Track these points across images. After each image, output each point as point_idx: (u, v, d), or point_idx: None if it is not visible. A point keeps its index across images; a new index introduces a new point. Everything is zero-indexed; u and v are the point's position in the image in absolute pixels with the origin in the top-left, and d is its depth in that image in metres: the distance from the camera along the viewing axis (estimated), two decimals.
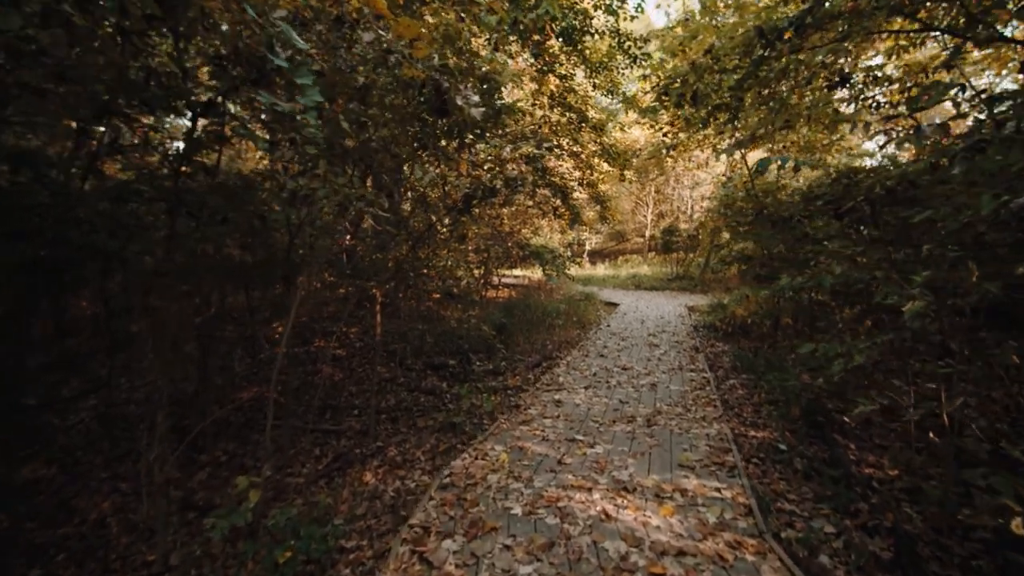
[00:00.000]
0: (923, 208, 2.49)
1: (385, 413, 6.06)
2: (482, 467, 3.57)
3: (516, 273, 19.14)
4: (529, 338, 9.52)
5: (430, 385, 7.21)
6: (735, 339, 9.05)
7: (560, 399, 5.12)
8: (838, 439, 4.06)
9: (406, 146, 3.64)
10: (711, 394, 5.17)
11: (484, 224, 12.36)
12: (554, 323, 10.56)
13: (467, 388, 5.71)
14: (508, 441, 4.07)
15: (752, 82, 5.30)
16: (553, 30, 8.13)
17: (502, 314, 10.55)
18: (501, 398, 6.03)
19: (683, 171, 24.97)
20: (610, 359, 7.03)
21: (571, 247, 29.06)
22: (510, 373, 7.44)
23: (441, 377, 7.66)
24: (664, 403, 4.92)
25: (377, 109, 3.38)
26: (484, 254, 9.56)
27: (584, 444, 3.87)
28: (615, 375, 6.07)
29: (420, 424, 5.50)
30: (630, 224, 32.50)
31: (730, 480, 3.28)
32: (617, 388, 5.51)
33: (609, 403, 4.95)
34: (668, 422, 4.33)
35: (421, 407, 6.24)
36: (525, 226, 15.01)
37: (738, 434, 4.48)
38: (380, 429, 5.52)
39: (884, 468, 3.66)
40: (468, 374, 7.64)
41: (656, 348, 7.82)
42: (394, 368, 8.05)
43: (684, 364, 6.58)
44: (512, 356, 8.53)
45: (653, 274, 21.46)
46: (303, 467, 4.70)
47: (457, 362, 8.24)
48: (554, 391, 5.47)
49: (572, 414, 4.65)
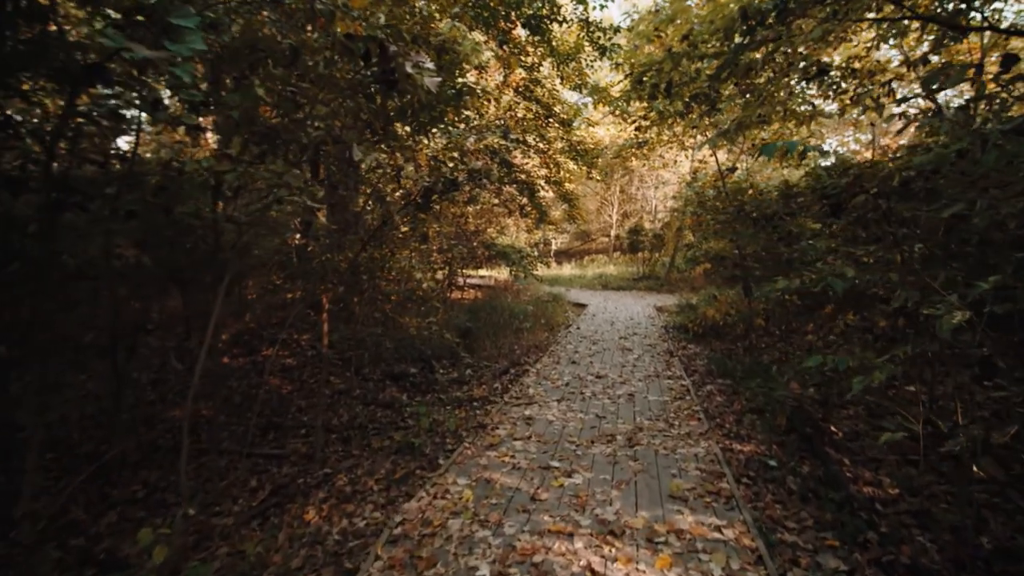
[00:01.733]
0: (948, 201, 2.16)
1: (336, 432, 5.43)
2: (442, 509, 3.03)
3: (483, 273, 18.65)
4: (496, 342, 9.03)
5: (388, 397, 6.61)
6: (707, 341, 8.85)
7: (531, 415, 4.65)
8: (831, 454, 3.76)
9: (352, 129, 3.09)
10: (693, 405, 4.83)
11: (448, 223, 11.80)
12: (522, 326, 10.11)
13: (426, 406, 5.15)
14: (473, 472, 3.56)
15: (732, 71, 5.00)
16: (519, 16, 7.67)
17: (467, 317, 10.02)
18: (466, 412, 5.51)
19: (648, 171, 25.07)
20: (582, 366, 6.63)
21: (538, 247, 28.79)
22: (476, 382, 6.93)
23: (401, 388, 7.07)
24: (645, 417, 4.53)
25: (312, 83, 2.81)
26: (448, 254, 9.01)
27: (560, 472, 3.40)
28: (589, 384, 5.65)
29: (375, 445, 4.91)
30: (595, 224, 32.52)
31: (729, 514, 2.89)
32: (592, 400, 5.09)
33: (585, 419, 4.52)
34: (651, 440, 3.93)
35: (377, 424, 5.64)
36: (491, 225, 14.52)
37: (724, 448, 4.14)
38: (329, 452, 4.90)
39: (884, 487, 3.37)
40: (431, 384, 7.08)
41: (629, 352, 7.49)
42: (350, 378, 7.39)
43: (660, 370, 6.24)
44: (478, 363, 8.02)
45: (619, 274, 21.39)
46: (235, 503, 4.04)
47: (419, 370, 7.66)
48: (524, 405, 4.99)
49: (545, 433, 4.18)
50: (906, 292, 2.31)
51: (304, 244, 8.17)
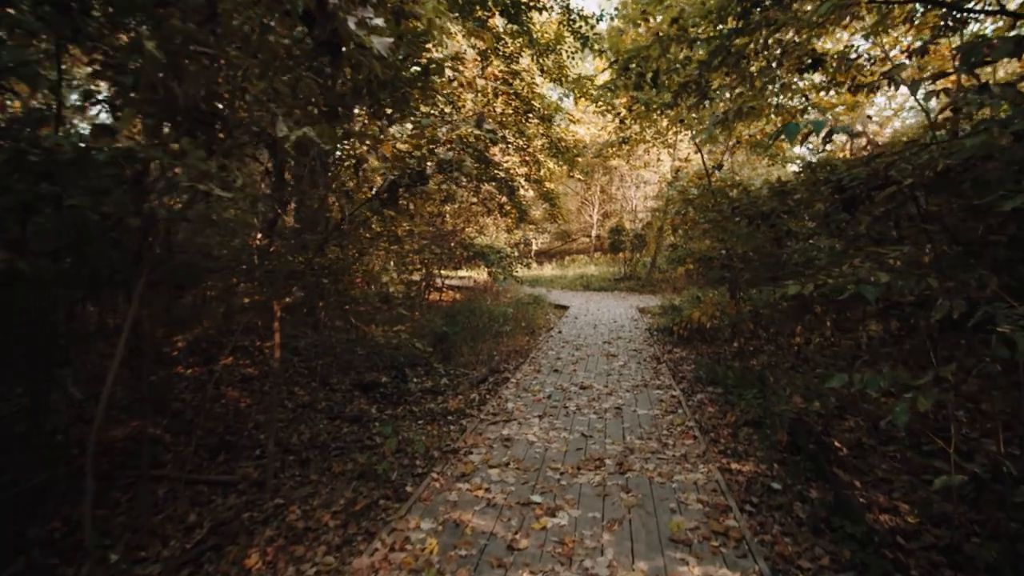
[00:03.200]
0: (1007, 193, 1.80)
1: (295, 453, 4.90)
2: (399, 566, 2.51)
3: (462, 274, 18.16)
4: (474, 348, 8.56)
5: (356, 411, 6.09)
6: (693, 344, 8.55)
7: (509, 435, 4.19)
8: (839, 475, 3.42)
9: (296, 108, 2.59)
10: (686, 420, 4.45)
11: (424, 222, 11.29)
12: (501, 330, 9.67)
13: (392, 426, 4.64)
14: (440, 512, 3.06)
15: (724, 58, 4.65)
16: (497, 4, 7.23)
17: (443, 322, 9.53)
18: (439, 429, 5.04)
19: (629, 170, 24.90)
20: (565, 375, 6.20)
21: (518, 247, 28.40)
22: (451, 393, 6.46)
23: (371, 399, 6.55)
24: (635, 435, 4.11)
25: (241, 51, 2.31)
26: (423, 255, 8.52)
27: (543, 510, 2.95)
28: (573, 397, 5.23)
29: (336, 469, 4.41)
30: (576, 224, 32.30)
31: (741, 563, 2.48)
32: (577, 415, 4.67)
33: (570, 438, 4.08)
34: (644, 465, 3.52)
35: (341, 442, 5.13)
36: (469, 225, 14.04)
37: (721, 468, 3.76)
38: (284, 478, 4.37)
39: (902, 514, 3.03)
40: (403, 395, 6.59)
41: (614, 359, 7.11)
42: (315, 389, 6.83)
43: (648, 379, 5.87)
44: (455, 370, 7.55)
45: (600, 274, 21.12)
46: (165, 545, 3.49)
47: (391, 379, 7.15)
48: (502, 423, 4.53)
49: (525, 458, 3.73)
50: (950, 301, 1.94)
51: (267, 244, 7.59)
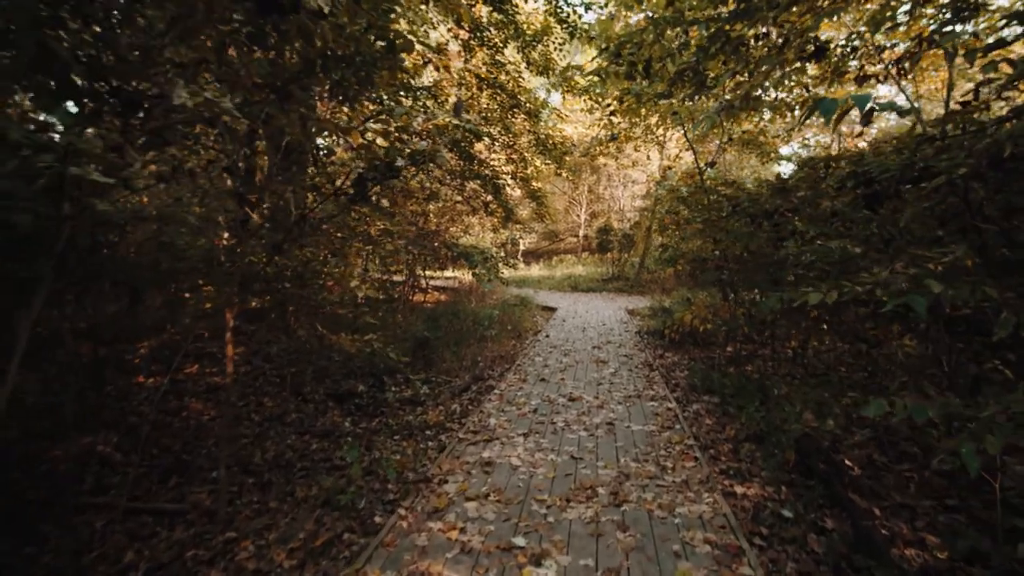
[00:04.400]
0: None
1: (255, 474, 4.45)
2: None
3: (448, 274, 17.73)
4: (458, 353, 8.15)
5: (328, 424, 5.65)
6: (684, 348, 8.25)
7: (490, 458, 3.76)
8: (856, 501, 3.09)
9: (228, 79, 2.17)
10: (684, 437, 4.08)
11: (406, 221, 10.84)
12: (486, 333, 9.27)
13: (359, 448, 4.19)
14: (405, 562, 2.58)
15: (723, 43, 4.31)
16: None
17: (425, 325, 9.10)
18: (415, 446, 4.62)
19: (617, 170, 24.68)
20: (553, 384, 5.82)
21: (505, 247, 28.02)
22: (431, 403, 6.05)
23: (345, 411, 6.11)
24: (630, 456, 3.73)
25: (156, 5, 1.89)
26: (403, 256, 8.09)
27: (527, 556, 2.52)
28: (561, 410, 4.84)
29: (299, 494, 3.97)
30: (563, 224, 32.04)
31: None
32: (566, 432, 4.27)
33: (558, 461, 3.68)
34: (642, 494, 3.14)
35: (308, 460, 4.69)
36: (454, 224, 13.61)
37: (724, 491, 3.41)
38: (240, 505, 3.92)
39: (929, 548, 2.71)
40: (379, 406, 6.16)
41: (605, 366, 6.75)
42: (286, 400, 6.36)
43: (640, 388, 5.51)
44: (437, 377, 7.14)
45: (588, 274, 20.82)
46: None
47: (368, 388, 6.71)
48: (483, 443, 4.10)
49: (507, 487, 3.30)
50: (1016, 315, 1.60)
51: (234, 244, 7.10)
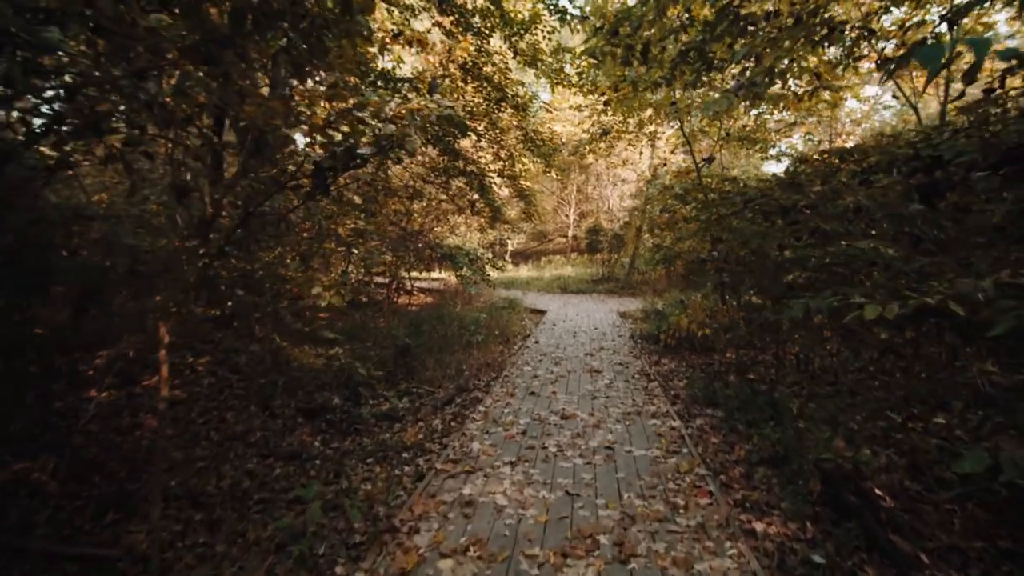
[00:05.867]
0: None
1: (205, 507, 3.90)
2: None
3: (435, 275, 17.20)
4: (442, 360, 7.63)
5: (295, 444, 5.11)
6: (681, 354, 7.83)
7: (471, 496, 3.18)
8: (898, 545, 2.65)
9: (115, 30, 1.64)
10: (694, 464, 3.58)
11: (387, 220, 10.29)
12: (472, 339, 8.77)
13: (315, 489, 3.60)
14: None
15: (730, 23, 3.87)
16: None
17: (408, 331, 8.57)
18: (388, 472, 4.11)
19: (606, 169, 24.33)
20: (543, 398, 5.32)
21: (494, 248, 27.53)
22: (410, 419, 5.54)
23: (316, 428, 5.57)
24: (634, 491, 3.20)
25: None
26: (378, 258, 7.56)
27: None
28: (553, 431, 4.33)
29: (251, 535, 3.43)
30: (552, 224, 31.67)
31: None
32: (559, 460, 3.74)
33: (550, 499, 3.13)
34: (652, 545, 2.62)
35: (269, 490, 4.15)
36: (439, 223, 13.08)
37: (744, 528, 2.96)
38: (183, 547, 3.38)
39: None
40: (354, 422, 5.62)
41: (599, 376, 6.28)
42: (252, 416, 5.79)
43: (640, 403, 5.03)
44: (418, 387, 6.63)
45: (578, 275, 20.41)
46: None
47: (344, 400, 6.17)
48: (464, 475, 3.53)
49: (491, 537, 2.77)
50: None
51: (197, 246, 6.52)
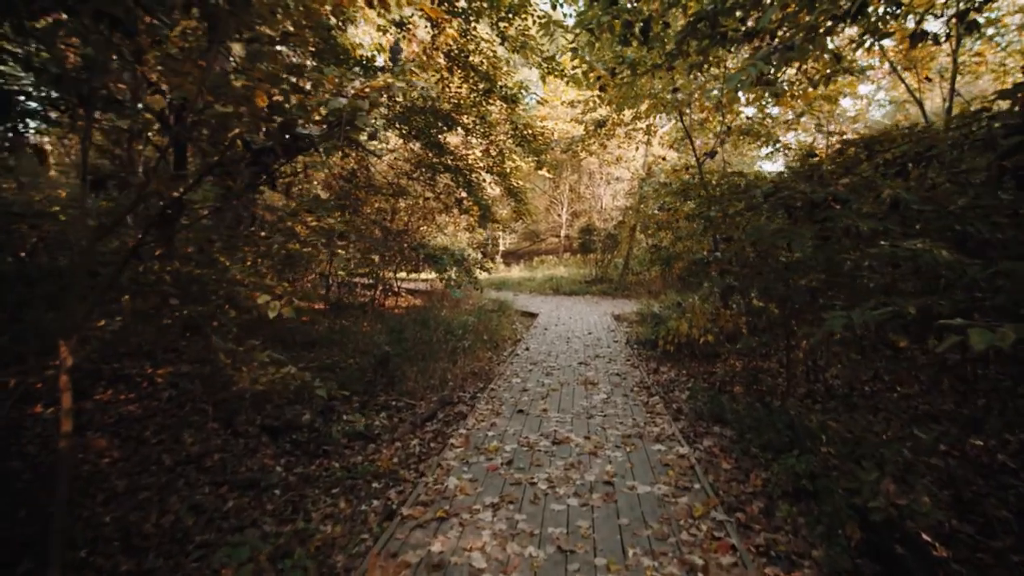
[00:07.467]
0: None
1: (137, 553, 3.32)
2: None
3: (424, 276, 16.64)
4: (425, 369, 7.06)
5: (255, 468, 4.55)
6: (681, 361, 7.35)
7: (442, 555, 2.55)
8: None
9: None
10: (709, 505, 2.99)
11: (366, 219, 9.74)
12: (459, 345, 8.22)
13: (248, 550, 2.91)
14: None
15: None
16: None
17: (389, 338, 8.00)
18: (353, 508, 3.55)
19: (599, 167, 23.88)
20: (533, 418, 4.75)
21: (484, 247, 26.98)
22: (386, 439, 4.99)
23: (281, 449, 5.00)
24: (640, 545, 2.54)
25: None
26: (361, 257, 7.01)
27: None
28: (544, 461, 3.72)
29: None
30: (544, 224, 31.22)
31: None
32: (550, 500, 3.11)
33: (539, 559, 2.49)
34: None
35: (215, 529, 3.59)
36: (425, 222, 12.51)
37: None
38: None
39: None
40: (324, 441, 5.06)
41: (594, 389, 5.75)
42: (211, 435, 5.20)
43: (641, 423, 4.48)
44: (398, 401, 6.08)
45: (571, 276, 19.91)
46: None
47: (316, 415, 5.60)
48: (435, 523, 2.85)
49: None
50: None
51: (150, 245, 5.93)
